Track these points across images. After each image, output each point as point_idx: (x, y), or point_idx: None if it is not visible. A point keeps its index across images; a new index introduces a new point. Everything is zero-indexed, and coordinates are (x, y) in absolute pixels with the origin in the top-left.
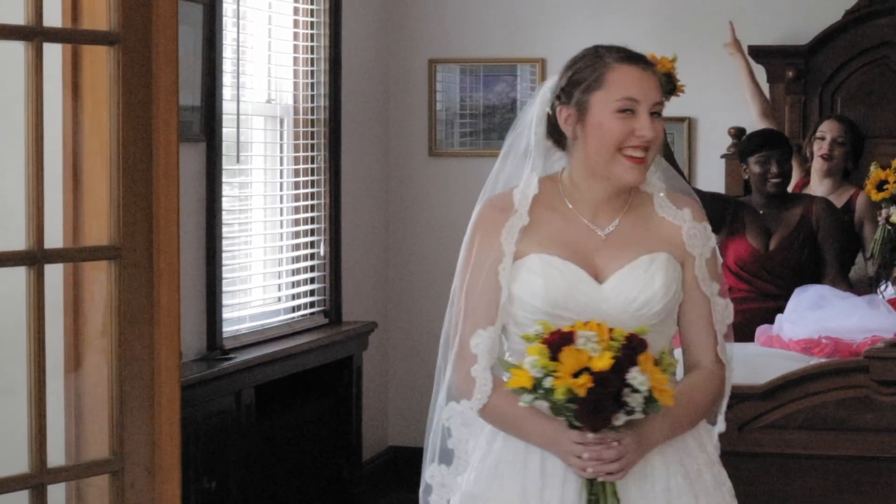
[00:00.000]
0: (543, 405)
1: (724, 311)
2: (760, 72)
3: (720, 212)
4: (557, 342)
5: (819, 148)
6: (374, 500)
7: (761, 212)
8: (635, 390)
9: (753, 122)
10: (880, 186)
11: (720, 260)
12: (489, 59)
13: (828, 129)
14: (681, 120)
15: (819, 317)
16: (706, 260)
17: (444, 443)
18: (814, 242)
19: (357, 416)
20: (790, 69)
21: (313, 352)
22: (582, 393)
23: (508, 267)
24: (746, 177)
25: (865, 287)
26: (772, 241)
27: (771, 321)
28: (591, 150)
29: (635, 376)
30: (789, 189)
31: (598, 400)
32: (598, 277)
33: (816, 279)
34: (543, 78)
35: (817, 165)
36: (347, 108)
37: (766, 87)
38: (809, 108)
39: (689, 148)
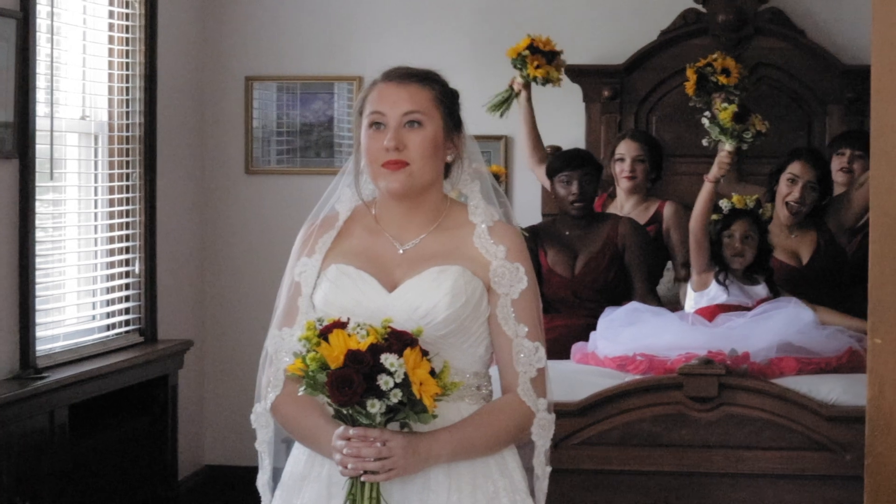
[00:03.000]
0: (323, 401)
1: (533, 356)
2: (576, 91)
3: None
4: (331, 327)
5: (621, 169)
6: None
7: (567, 232)
8: (389, 374)
9: (532, 168)
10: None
11: (537, 303)
12: (306, 76)
13: (626, 150)
14: (497, 138)
15: (633, 334)
16: (512, 301)
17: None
18: (620, 262)
19: (172, 435)
20: (606, 88)
21: (128, 370)
22: (332, 365)
23: (311, 271)
24: (553, 195)
25: (676, 304)
26: (577, 264)
27: (583, 338)
28: (367, 168)
29: (388, 357)
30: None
31: (347, 374)
32: (391, 288)
33: (624, 298)
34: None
35: (623, 185)
36: (163, 126)
37: (581, 107)
38: (625, 127)
39: (506, 166)
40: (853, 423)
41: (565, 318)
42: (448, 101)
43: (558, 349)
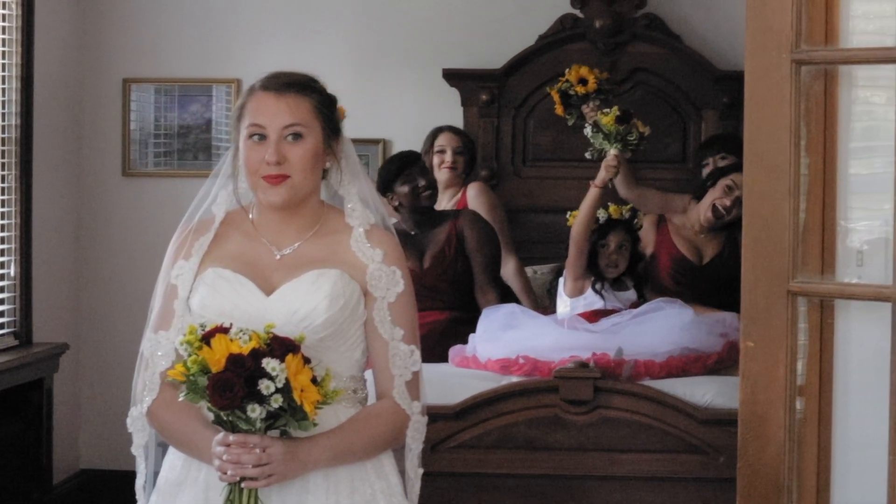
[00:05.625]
0: (203, 407)
1: (409, 359)
2: (454, 95)
3: None
4: (213, 332)
5: (441, 161)
6: None
7: (413, 233)
8: (271, 378)
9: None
10: None
11: (413, 307)
12: (184, 79)
13: (446, 142)
14: (375, 142)
15: (515, 337)
16: (389, 304)
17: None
18: (465, 254)
19: (47, 438)
20: (484, 92)
21: (2, 374)
22: (214, 368)
23: (188, 274)
24: (396, 203)
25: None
26: (425, 260)
27: (449, 335)
28: (245, 177)
29: (269, 362)
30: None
31: (228, 378)
32: (269, 292)
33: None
34: (238, 98)
35: (443, 177)
36: (39, 127)
37: (459, 111)
38: (503, 131)
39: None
40: (727, 425)
41: (429, 314)
42: (327, 109)
43: (428, 346)
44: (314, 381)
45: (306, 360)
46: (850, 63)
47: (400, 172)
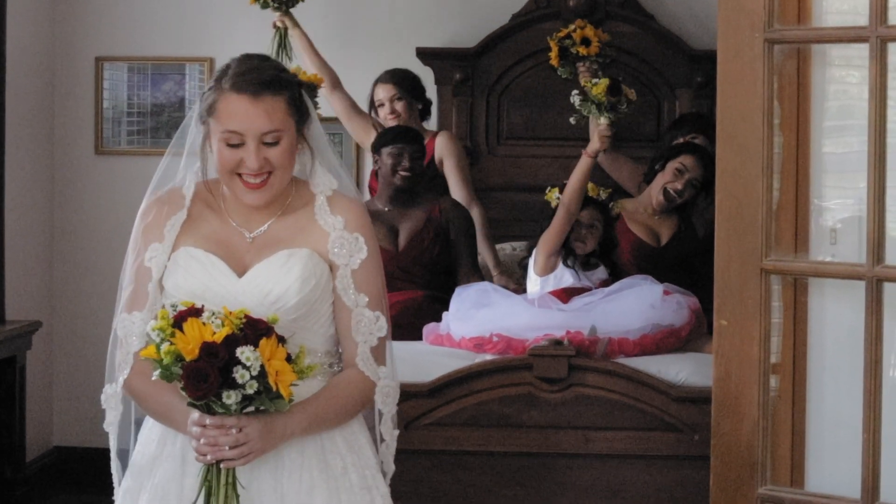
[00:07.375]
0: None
1: (373, 325)
2: (428, 74)
3: None
4: (185, 314)
5: (384, 115)
6: (38, 501)
7: (386, 209)
8: (245, 367)
9: (326, 95)
10: None
11: (379, 274)
12: (157, 57)
13: (382, 93)
14: None
15: (489, 315)
16: (352, 271)
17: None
18: (445, 239)
19: (20, 416)
20: (458, 71)
21: None
22: (187, 356)
23: (162, 255)
24: (377, 167)
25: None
26: (400, 240)
27: (424, 312)
28: (217, 169)
29: (244, 351)
30: None
31: (202, 368)
32: (241, 273)
33: (451, 275)
34: (209, 77)
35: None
36: (12, 105)
37: (433, 90)
38: (477, 110)
39: (357, 146)
40: (701, 403)
41: (404, 293)
42: (299, 99)
43: (404, 323)
44: (288, 358)
45: (280, 339)
46: (822, 42)
47: (391, 142)
